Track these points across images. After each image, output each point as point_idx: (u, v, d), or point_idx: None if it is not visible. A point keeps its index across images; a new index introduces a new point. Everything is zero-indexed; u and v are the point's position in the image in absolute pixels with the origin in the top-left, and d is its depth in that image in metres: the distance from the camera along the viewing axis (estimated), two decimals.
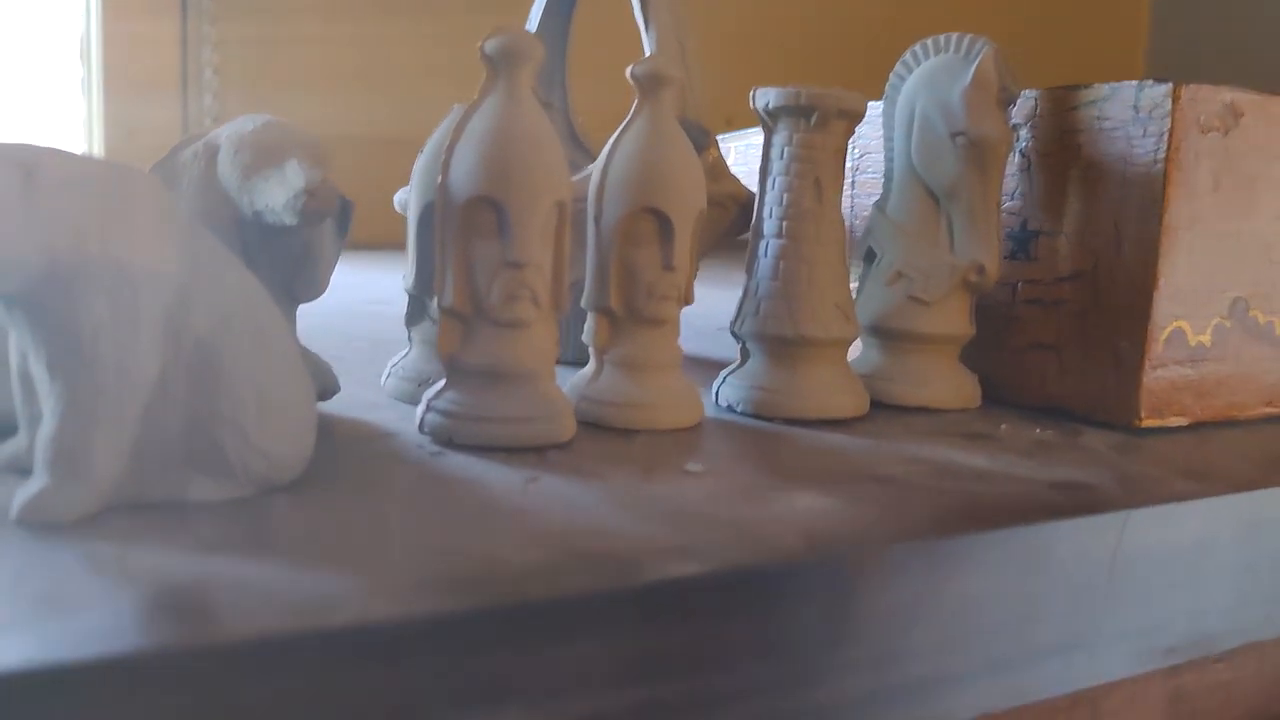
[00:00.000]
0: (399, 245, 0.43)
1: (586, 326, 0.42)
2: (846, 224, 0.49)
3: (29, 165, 0.26)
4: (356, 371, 0.46)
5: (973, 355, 0.48)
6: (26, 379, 0.29)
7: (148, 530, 0.27)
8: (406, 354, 0.44)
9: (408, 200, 0.42)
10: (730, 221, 0.54)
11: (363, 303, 0.72)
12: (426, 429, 0.37)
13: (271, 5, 1.20)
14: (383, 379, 0.44)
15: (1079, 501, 0.34)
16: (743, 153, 0.69)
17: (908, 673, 0.30)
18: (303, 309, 0.40)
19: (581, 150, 0.57)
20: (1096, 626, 0.34)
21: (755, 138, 0.45)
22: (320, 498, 0.31)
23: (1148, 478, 0.38)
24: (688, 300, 0.41)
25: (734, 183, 0.53)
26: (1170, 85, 0.42)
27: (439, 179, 0.36)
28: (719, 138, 0.62)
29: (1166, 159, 0.42)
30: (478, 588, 0.25)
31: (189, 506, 0.29)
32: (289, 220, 0.35)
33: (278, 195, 0.34)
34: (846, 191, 0.55)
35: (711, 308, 0.54)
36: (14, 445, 0.31)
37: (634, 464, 0.36)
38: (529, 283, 0.36)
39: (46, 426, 0.27)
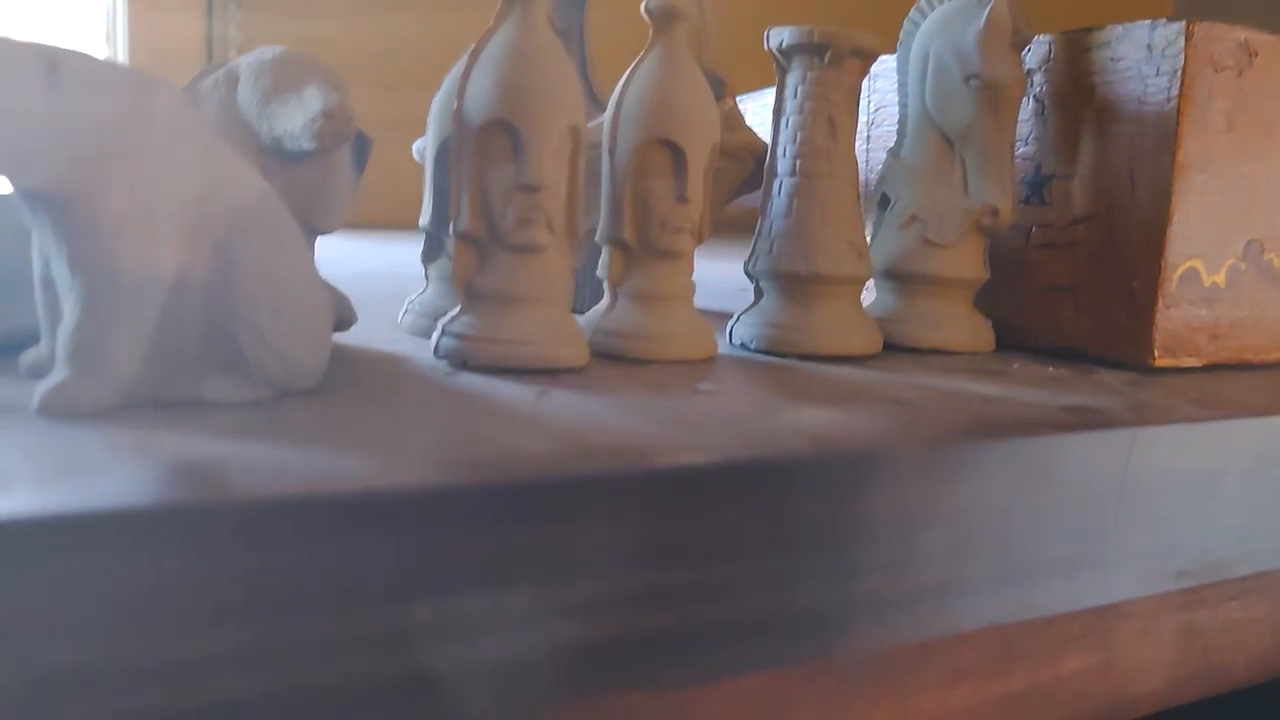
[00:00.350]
0: (415, 225, 0.44)
1: (601, 260, 0.42)
2: (861, 178, 0.49)
3: (53, 60, 0.27)
4: (374, 313, 0.47)
5: (987, 300, 0.48)
6: (49, 284, 0.30)
7: (165, 421, 0.28)
8: (423, 291, 0.44)
9: (425, 146, 0.43)
10: (747, 174, 0.54)
11: (381, 266, 0.72)
12: (441, 353, 0.37)
13: (297, 3, 1.21)
14: (399, 317, 0.45)
15: (1088, 421, 0.34)
16: (760, 113, 0.69)
17: (916, 579, 0.30)
18: (321, 269, 0.40)
19: (598, 106, 0.57)
20: (1106, 544, 0.34)
21: (772, 98, 0.45)
22: (336, 401, 0.31)
23: (1158, 405, 0.38)
24: (702, 236, 0.41)
25: (749, 134, 0.53)
26: (1183, 23, 0.42)
27: (454, 105, 0.36)
28: (738, 99, 0.62)
29: (1179, 96, 0.42)
30: (488, 468, 0.25)
31: (206, 405, 0.30)
32: (307, 144, 0.35)
33: (296, 119, 0.35)
34: (862, 146, 0.55)
35: (729, 271, 0.54)
36: (36, 352, 0.32)
37: (647, 385, 0.36)
38: (543, 206, 0.36)
39: (67, 321, 0.28)
